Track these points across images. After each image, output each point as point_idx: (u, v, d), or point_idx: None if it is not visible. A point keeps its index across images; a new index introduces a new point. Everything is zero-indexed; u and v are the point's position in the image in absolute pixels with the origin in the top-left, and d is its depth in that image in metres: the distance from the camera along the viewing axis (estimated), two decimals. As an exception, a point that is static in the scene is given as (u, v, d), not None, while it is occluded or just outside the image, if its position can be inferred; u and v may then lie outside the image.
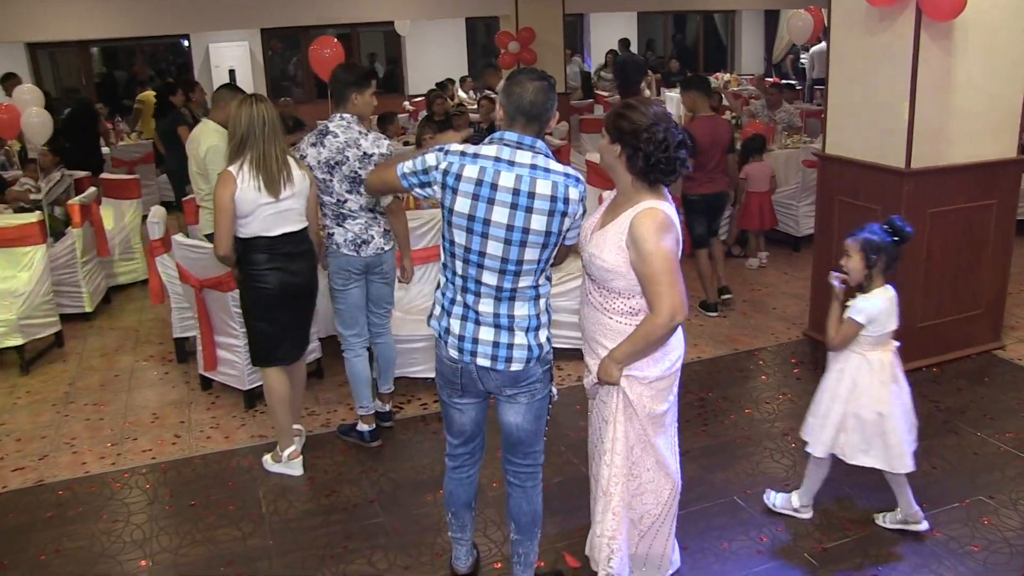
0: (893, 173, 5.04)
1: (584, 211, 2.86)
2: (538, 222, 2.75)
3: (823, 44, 11.17)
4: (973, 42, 4.91)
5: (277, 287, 4.06)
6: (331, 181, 4.20)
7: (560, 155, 7.02)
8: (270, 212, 3.97)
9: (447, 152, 2.84)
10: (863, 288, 3.52)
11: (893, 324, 3.52)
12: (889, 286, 3.51)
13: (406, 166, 2.91)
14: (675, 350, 3.04)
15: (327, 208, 4.28)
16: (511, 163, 2.76)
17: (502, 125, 2.87)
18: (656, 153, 2.79)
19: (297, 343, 4.33)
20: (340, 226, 4.27)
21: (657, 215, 2.81)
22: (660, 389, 3.03)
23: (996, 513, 3.85)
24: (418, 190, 2.92)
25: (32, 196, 7.15)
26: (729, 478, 4.22)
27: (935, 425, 4.64)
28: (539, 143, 2.82)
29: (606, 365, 2.98)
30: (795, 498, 3.86)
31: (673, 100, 14.70)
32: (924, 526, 3.70)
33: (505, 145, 2.80)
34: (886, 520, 3.76)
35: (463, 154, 2.81)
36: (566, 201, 2.76)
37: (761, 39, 19.74)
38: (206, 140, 5.29)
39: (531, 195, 2.73)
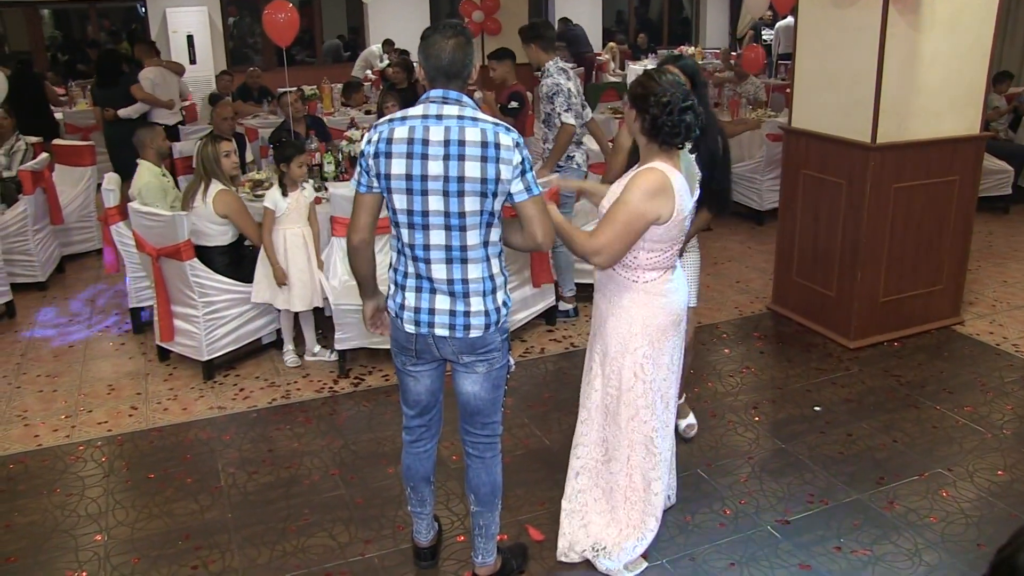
0: (859, 148, 5.05)
1: (524, 159, 2.77)
2: (472, 168, 2.71)
3: (790, 19, 11.17)
4: (939, 18, 4.91)
5: None
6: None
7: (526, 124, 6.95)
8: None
9: (374, 128, 2.82)
10: None
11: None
12: None
13: (352, 183, 2.91)
14: (665, 296, 3.15)
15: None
16: (439, 117, 2.74)
17: (425, 85, 2.85)
18: (661, 116, 2.94)
19: None
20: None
21: (654, 175, 2.95)
22: (656, 329, 3.16)
23: (954, 485, 3.90)
24: (365, 183, 2.86)
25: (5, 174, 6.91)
26: (692, 451, 4.22)
27: (896, 399, 4.69)
28: (464, 97, 2.79)
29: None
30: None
31: (635, 73, 14.70)
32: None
33: (431, 102, 2.78)
34: None
35: (391, 120, 2.80)
36: (497, 147, 2.71)
37: (727, 13, 19.68)
38: (141, 179, 5.53)
39: (461, 143, 2.71)
